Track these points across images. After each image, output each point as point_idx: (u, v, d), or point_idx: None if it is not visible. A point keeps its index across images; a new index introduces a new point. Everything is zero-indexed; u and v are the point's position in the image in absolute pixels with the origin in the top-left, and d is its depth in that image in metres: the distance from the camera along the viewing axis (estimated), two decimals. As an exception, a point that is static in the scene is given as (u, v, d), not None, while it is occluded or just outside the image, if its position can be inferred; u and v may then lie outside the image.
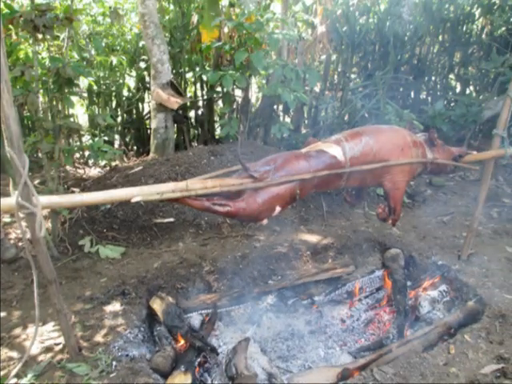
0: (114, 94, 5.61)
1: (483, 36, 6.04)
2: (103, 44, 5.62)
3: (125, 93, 5.85)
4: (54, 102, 3.19)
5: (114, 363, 2.16)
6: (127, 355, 2.25)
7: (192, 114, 5.82)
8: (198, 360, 2.39)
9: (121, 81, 5.61)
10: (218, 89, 5.27)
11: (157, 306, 2.65)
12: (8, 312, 2.61)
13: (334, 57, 6.09)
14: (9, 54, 4.08)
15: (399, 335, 2.75)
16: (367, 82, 5.24)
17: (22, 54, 4.70)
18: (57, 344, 2.30)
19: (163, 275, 3.05)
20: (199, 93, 5.71)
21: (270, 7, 5.95)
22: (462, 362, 2.22)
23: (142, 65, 5.62)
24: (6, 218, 3.65)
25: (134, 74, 5.86)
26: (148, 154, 5.27)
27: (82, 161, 5.31)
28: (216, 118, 5.90)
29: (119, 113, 5.77)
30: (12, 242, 3.30)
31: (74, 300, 2.72)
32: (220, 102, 6.16)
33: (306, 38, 6.58)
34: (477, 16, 6.00)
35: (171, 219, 3.80)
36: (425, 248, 3.51)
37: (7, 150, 1.69)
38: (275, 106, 5.51)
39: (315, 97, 5.68)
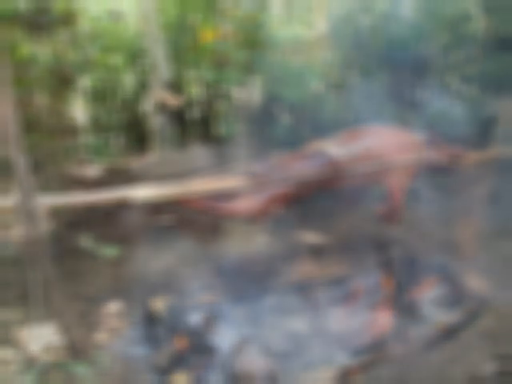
0: (114, 94, 5.60)
1: (483, 36, 6.03)
2: (103, 44, 5.60)
3: (125, 93, 5.84)
4: (54, 102, 3.19)
5: (114, 363, 2.15)
6: (127, 355, 2.25)
7: (192, 114, 5.81)
8: (198, 360, 2.39)
9: (121, 81, 5.60)
10: (218, 89, 5.26)
11: (157, 305, 2.64)
12: (8, 312, 2.60)
13: (334, 57, 6.08)
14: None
15: (399, 335, 2.74)
16: (367, 82, 5.23)
17: (21, 54, 4.70)
18: (57, 344, 2.30)
19: (163, 275, 3.05)
20: (199, 93, 5.70)
21: (270, 7, 5.94)
22: (462, 362, 2.22)
23: (142, 65, 5.61)
24: (6, 218, 3.64)
25: (133, 74, 5.85)
26: (148, 154, 5.26)
27: (81, 161, 5.30)
28: (216, 118, 5.89)
29: (119, 113, 5.75)
30: (12, 242, 3.30)
31: (74, 300, 2.72)
32: (220, 102, 6.15)
33: (305, 38, 6.58)
34: (477, 16, 5.99)
35: (171, 219, 3.79)
36: (425, 248, 3.50)
37: (7, 149, 1.69)
38: (275, 106, 5.50)
39: (315, 97, 5.67)
